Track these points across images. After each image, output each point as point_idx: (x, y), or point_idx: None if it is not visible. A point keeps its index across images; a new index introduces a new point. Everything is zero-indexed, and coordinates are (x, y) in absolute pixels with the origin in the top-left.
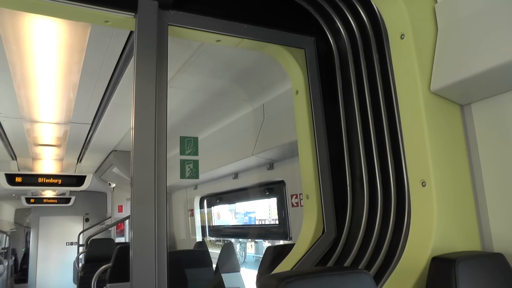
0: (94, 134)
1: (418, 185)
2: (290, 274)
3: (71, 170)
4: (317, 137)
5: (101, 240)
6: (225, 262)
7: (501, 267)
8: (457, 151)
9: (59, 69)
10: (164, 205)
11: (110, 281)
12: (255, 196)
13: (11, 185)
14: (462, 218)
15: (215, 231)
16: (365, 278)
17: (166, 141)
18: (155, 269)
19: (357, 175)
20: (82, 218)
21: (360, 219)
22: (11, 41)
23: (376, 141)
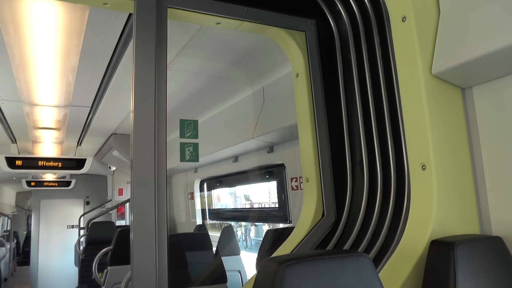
0: (94, 117)
1: (418, 169)
2: (289, 257)
3: (71, 153)
4: (317, 120)
5: (101, 223)
6: (225, 245)
7: (499, 250)
8: (457, 135)
9: (57, 52)
10: (164, 188)
11: (111, 263)
12: (255, 179)
13: (11, 168)
14: (462, 201)
15: (215, 214)
16: (364, 261)
17: (166, 124)
18: (156, 252)
19: (357, 158)
20: (83, 201)
21: (360, 202)
22: (9, 24)
23: (377, 124)
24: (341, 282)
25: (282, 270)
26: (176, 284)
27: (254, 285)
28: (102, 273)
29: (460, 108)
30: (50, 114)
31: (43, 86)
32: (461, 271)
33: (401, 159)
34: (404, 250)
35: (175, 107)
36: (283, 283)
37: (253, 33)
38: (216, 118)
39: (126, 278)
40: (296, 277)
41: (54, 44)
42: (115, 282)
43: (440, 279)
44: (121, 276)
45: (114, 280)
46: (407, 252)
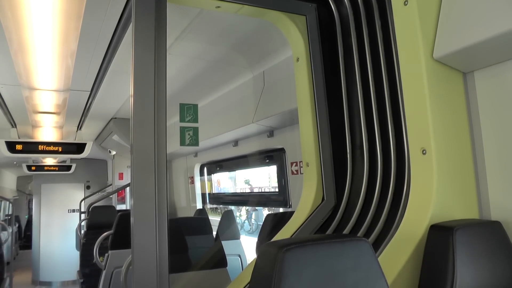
0: (94, 102)
1: (418, 153)
2: (289, 242)
3: (71, 138)
4: (317, 104)
5: (102, 207)
6: (225, 229)
7: (498, 235)
8: (458, 119)
9: (56, 35)
10: (164, 172)
11: (112, 248)
12: (255, 163)
13: (11, 153)
14: (462, 186)
15: (215, 199)
16: (364, 245)
17: (166, 108)
18: (156, 236)
19: (357, 143)
20: (83, 186)
21: (360, 187)
22: (6, 7)
23: (377, 109)
24: (341, 266)
25: (282, 255)
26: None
27: (254, 269)
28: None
29: (461, 92)
30: (49, 99)
31: (42, 70)
32: (460, 255)
33: (401, 143)
34: (404, 235)
35: (175, 92)
36: (283, 267)
37: (253, 17)
38: (216, 103)
39: (127, 262)
40: (296, 261)
41: (53, 27)
42: (116, 266)
43: (439, 264)
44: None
45: (115, 264)
46: (407, 236)
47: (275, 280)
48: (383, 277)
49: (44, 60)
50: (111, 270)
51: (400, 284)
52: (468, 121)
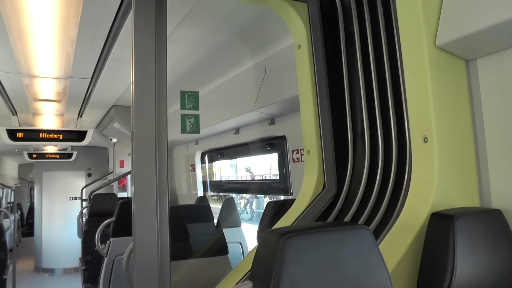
0: (94, 89)
1: (420, 141)
2: (290, 229)
3: (72, 126)
4: (318, 92)
5: (103, 195)
6: (226, 217)
7: (498, 223)
8: (460, 107)
9: (55, 23)
10: (165, 160)
11: (113, 235)
12: (256, 151)
13: (12, 141)
14: (463, 174)
15: (216, 186)
16: (365, 233)
17: (167, 95)
18: (157, 223)
19: (358, 130)
20: (85, 173)
21: (361, 175)
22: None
23: (379, 96)
24: (342, 254)
25: (283, 242)
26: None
27: (255, 257)
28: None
29: (463, 80)
30: (50, 86)
31: (42, 57)
32: (460, 243)
33: (403, 131)
34: (404, 223)
35: (175, 79)
36: (283, 255)
37: (254, 4)
38: (217, 90)
39: (128, 250)
40: (297, 249)
41: (52, 15)
42: (118, 254)
43: (440, 252)
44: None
45: (116, 252)
46: (407, 224)
47: (276, 267)
48: (384, 265)
49: (44, 48)
50: (112, 258)
51: (400, 272)
52: (470, 109)
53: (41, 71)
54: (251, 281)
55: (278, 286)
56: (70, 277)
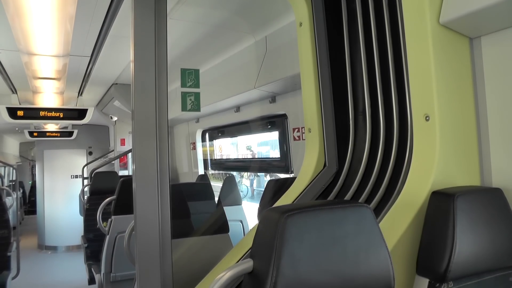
0: (94, 67)
1: (422, 119)
2: (291, 207)
3: (72, 104)
4: (320, 70)
5: (104, 173)
6: (227, 195)
7: (498, 201)
8: (463, 85)
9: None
10: (165, 138)
11: (115, 213)
12: (257, 129)
13: (12, 119)
14: (464, 153)
15: (217, 164)
16: (365, 211)
17: (167, 73)
18: (158, 201)
19: (360, 109)
20: (86, 152)
21: (362, 153)
22: None
23: (381, 74)
24: (342, 232)
25: (283, 220)
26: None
27: (256, 234)
28: (106, 222)
29: (467, 58)
30: (49, 64)
31: (40, 35)
32: (460, 222)
33: (405, 109)
34: (405, 201)
35: (175, 57)
36: (284, 233)
37: None
38: (218, 68)
39: (130, 227)
40: (298, 227)
41: None
42: (119, 231)
43: (440, 230)
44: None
45: (118, 229)
46: (408, 203)
47: (277, 245)
48: (384, 243)
49: (42, 25)
50: (114, 235)
51: (400, 250)
52: (473, 87)
53: (39, 49)
54: (252, 259)
55: (279, 264)
56: (73, 254)
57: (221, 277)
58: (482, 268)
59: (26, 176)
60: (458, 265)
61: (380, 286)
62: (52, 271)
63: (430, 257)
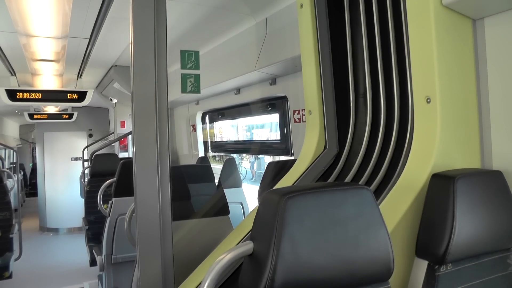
0: (93, 49)
1: (423, 102)
2: (291, 189)
3: (72, 86)
4: (321, 51)
5: (105, 155)
6: (227, 177)
7: (498, 184)
8: (465, 68)
9: None
10: (165, 120)
11: (115, 195)
12: (257, 111)
13: (12, 101)
14: (465, 135)
15: (217, 147)
16: (365, 193)
17: (166, 54)
18: (158, 183)
19: (360, 91)
20: (86, 134)
21: (362, 135)
22: None
23: (382, 56)
24: (342, 214)
25: (284, 202)
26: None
27: (256, 216)
28: (107, 205)
29: (469, 40)
30: (47, 46)
31: (38, 16)
32: (460, 204)
33: (405, 91)
34: (405, 183)
35: (175, 39)
36: (284, 215)
37: None
38: (218, 50)
39: (130, 210)
40: (298, 209)
41: None
42: (120, 213)
43: (439, 212)
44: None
45: (118, 211)
46: (408, 185)
47: (277, 227)
48: (384, 225)
49: (39, 6)
50: (115, 217)
51: (400, 232)
52: (475, 69)
53: (37, 31)
54: (252, 241)
55: (279, 246)
56: (74, 236)
57: (222, 259)
58: (481, 250)
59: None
60: (457, 247)
61: (379, 268)
62: (54, 252)
63: (429, 240)
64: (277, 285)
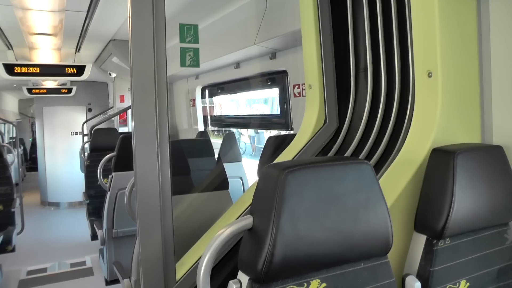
0: (91, 23)
1: (424, 76)
2: (291, 164)
3: (70, 60)
4: (321, 25)
5: (104, 129)
6: (227, 152)
7: (499, 159)
8: (468, 42)
9: None
10: (164, 94)
11: (115, 169)
12: (257, 86)
13: (10, 75)
14: (466, 110)
15: (217, 121)
16: (365, 168)
17: (165, 28)
18: (158, 158)
19: (361, 65)
20: (85, 108)
21: (362, 110)
22: None
23: (383, 30)
24: (342, 189)
25: (283, 177)
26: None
27: (256, 191)
28: (107, 179)
29: (473, 14)
30: (44, 19)
31: None
32: (460, 179)
33: (407, 66)
34: (405, 158)
35: (174, 13)
36: (284, 189)
37: None
38: (217, 24)
39: (130, 184)
40: (298, 183)
41: None
42: (120, 188)
43: (439, 187)
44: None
45: (118, 186)
46: (408, 160)
47: (277, 201)
48: (383, 200)
49: None
50: (115, 192)
51: (399, 207)
52: (478, 43)
53: (33, 4)
54: (252, 215)
55: (279, 220)
56: (75, 210)
57: (221, 234)
58: (479, 225)
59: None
60: (455, 222)
61: (378, 243)
62: (56, 227)
63: (428, 214)
64: (276, 259)
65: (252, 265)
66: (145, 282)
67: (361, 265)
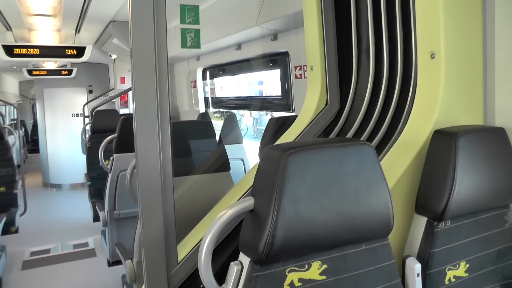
0: (91, 4)
1: (427, 57)
2: (293, 145)
3: (70, 42)
4: (323, 6)
5: (105, 111)
6: (228, 133)
7: (500, 141)
8: (472, 23)
9: None
10: (165, 76)
11: (116, 151)
12: (258, 67)
13: (9, 57)
14: (469, 92)
15: (218, 103)
16: (367, 149)
17: (165, 9)
18: (159, 140)
19: (363, 46)
20: (86, 90)
21: (364, 91)
22: None
23: (386, 11)
24: (344, 170)
25: (285, 158)
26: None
27: (257, 173)
28: (108, 161)
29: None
30: (43, 0)
31: None
32: (461, 161)
33: (409, 47)
34: (407, 139)
35: None
36: (286, 171)
37: None
38: (219, 5)
39: (131, 165)
40: (299, 165)
41: None
42: (121, 169)
43: (440, 169)
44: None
45: (120, 167)
46: (410, 141)
47: (278, 183)
48: (385, 182)
49: None
50: (116, 173)
51: (400, 188)
52: (482, 24)
53: None
54: (253, 197)
55: (280, 202)
56: (77, 192)
57: (223, 215)
58: (479, 207)
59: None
60: (456, 204)
61: (379, 224)
62: (58, 208)
63: (429, 196)
64: (277, 240)
65: (253, 246)
66: (147, 263)
67: (362, 246)
